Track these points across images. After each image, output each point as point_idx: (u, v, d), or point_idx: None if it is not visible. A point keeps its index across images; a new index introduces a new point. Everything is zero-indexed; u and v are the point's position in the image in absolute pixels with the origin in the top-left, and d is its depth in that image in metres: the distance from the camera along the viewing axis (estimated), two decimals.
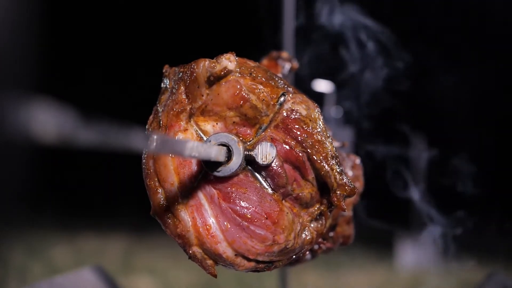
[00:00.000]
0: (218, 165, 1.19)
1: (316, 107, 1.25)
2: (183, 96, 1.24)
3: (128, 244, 5.61)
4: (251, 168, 1.22)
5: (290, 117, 1.22)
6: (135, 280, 4.26)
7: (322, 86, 2.96)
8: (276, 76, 1.27)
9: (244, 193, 1.21)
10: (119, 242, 5.65)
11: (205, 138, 1.22)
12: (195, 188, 1.22)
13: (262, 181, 1.23)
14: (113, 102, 7.15)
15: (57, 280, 2.15)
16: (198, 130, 1.23)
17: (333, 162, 1.22)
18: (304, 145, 1.22)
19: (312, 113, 1.24)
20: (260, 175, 1.23)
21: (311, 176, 1.23)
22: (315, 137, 1.22)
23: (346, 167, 1.66)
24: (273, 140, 1.22)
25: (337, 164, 1.22)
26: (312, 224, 1.27)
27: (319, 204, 1.26)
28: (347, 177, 1.23)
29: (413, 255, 5.07)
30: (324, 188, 1.24)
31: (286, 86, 1.25)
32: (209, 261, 1.23)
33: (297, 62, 1.82)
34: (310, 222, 1.26)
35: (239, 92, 1.21)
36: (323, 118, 1.26)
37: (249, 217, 1.20)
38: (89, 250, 5.35)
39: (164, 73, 1.31)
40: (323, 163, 1.21)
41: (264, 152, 1.20)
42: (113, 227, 6.31)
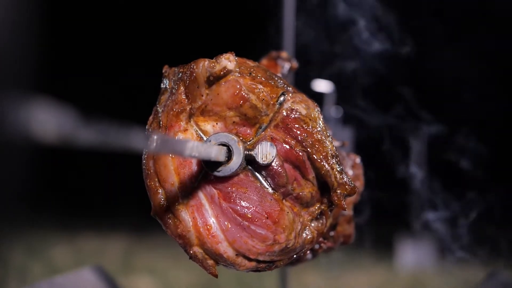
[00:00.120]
0: (218, 165, 1.19)
1: (316, 107, 1.25)
2: (183, 96, 1.24)
3: (128, 244, 5.61)
4: (251, 168, 1.22)
5: (290, 117, 1.22)
6: (135, 280, 4.26)
7: (322, 86, 2.96)
8: (276, 76, 1.27)
9: (245, 193, 1.21)
10: (119, 242, 5.65)
11: (205, 138, 1.22)
12: (196, 188, 1.22)
13: (263, 181, 1.23)
14: (113, 102, 7.15)
15: (57, 280, 2.14)
16: (198, 130, 1.23)
17: (333, 161, 1.22)
18: (304, 145, 1.22)
19: (312, 113, 1.24)
20: (261, 175, 1.23)
21: (312, 176, 1.23)
22: (315, 136, 1.22)
23: (346, 166, 1.66)
24: (273, 140, 1.22)
25: (337, 163, 1.22)
26: (313, 224, 1.27)
27: (320, 204, 1.26)
28: (348, 176, 1.23)
29: (413, 255, 5.07)
30: (325, 188, 1.24)
31: (286, 86, 1.25)
32: (210, 261, 1.23)
33: (297, 62, 1.81)
34: (311, 222, 1.26)
35: (239, 92, 1.21)
36: (323, 118, 1.26)
37: (250, 217, 1.20)
38: (89, 250, 5.35)
39: (164, 74, 1.31)
40: (323, 162, 1.21)
41: (264, 152, 1.20)
42: (113, 227, 6.31)
